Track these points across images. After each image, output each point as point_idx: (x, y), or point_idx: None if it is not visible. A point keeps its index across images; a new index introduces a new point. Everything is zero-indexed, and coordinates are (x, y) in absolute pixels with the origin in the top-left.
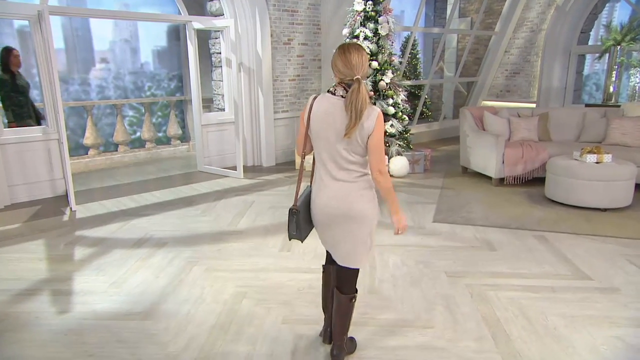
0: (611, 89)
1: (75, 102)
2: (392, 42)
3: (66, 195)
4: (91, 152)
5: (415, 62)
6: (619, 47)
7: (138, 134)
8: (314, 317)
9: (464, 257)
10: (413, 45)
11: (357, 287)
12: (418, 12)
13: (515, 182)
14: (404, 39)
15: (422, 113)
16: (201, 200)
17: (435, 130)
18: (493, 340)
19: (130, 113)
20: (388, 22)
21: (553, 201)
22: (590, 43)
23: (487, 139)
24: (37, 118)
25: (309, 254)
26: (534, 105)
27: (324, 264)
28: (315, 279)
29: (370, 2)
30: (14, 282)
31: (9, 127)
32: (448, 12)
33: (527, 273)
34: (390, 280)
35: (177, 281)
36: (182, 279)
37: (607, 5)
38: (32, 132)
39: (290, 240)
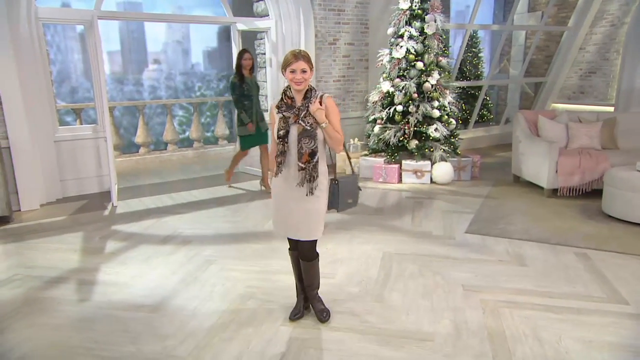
0: None
1: (129, 102)
2: (441, 41)
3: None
4: (142, 150)
5: (477, 61)
6: None
7: (187, 133)
8: (313, 321)
9: (487, 271)
10: (474, 43)
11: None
12: (474, 8)
13: (571, 194)
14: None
15: (482, 116)
16: (234, 200)
17: (495, 135)
18: (492, 359)
19: (180, 113)
20: (435, 21)
21: (610, 217)
22: None
23: (539, 146)
24: (258, 122)
25: (326, 259)
26: (611, 108)
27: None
28: (326, 285)
29: (417, 0)
30: (48, 270)
31: (238, 129)
32: (518, 6)
33: (554, 292)
34: (402, 290)
35: (192, 278)
36: (197, 276)
37: None
38: (83, 130)
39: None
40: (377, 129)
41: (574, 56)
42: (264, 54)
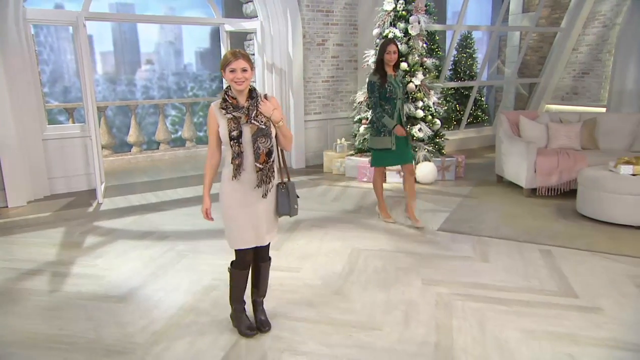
0: None
1: (121, 102)
2: (424, 42)
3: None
4: (134, 149)
5: (471, 62)
6: None
7: (179, 133)
8: (270, 312)
9: (449, 266)
10: (469, 44)
11: None
12: (462, 9)
13: (549, 194)
14: (459, 37)
15: (477, 117)
16: (217, 198)
17: (487, 136)
18: (434, 347)
19: (173, 113)
20: (419, 22)
21: (583, 216)
22: None
23: (518, 146)
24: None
25: (295, 254)
26: (604, 109)
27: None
28: (289, 278)
29: (401, 2)
30: (26, 262)
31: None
32: (512, 7)
33: (509, 286)
34: (362, 284)
35: (162, 271)
36: (167, 269)
37: None
38: (71, 129)
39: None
40: (362, 129)
41: (567, 57)
42: (253, 54)
